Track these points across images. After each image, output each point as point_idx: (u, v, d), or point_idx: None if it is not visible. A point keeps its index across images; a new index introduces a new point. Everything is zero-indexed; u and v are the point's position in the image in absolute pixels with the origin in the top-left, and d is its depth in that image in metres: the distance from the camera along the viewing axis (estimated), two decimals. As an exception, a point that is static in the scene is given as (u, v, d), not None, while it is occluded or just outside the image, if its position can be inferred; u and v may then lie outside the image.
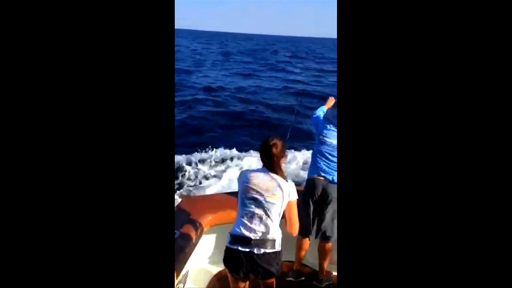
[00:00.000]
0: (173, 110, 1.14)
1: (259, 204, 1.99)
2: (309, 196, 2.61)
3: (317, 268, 2.80)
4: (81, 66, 1.03)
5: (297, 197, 2.05)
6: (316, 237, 2.68)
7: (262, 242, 1.95)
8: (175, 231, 2.38)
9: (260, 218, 1.98)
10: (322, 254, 2.70)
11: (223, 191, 4.51)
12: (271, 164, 2.03)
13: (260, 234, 1.96)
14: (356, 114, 1.08)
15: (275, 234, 2.00)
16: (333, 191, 2.54)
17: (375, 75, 1.06)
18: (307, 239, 2.74)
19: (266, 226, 1.97)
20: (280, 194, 1.99)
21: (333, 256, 2.76)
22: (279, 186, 2.00)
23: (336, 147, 2.56)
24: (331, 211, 2.58)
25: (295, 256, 2.83)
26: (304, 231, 2.64)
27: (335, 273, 2.82)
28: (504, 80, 0.95)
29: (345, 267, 1.05)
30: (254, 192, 2.00)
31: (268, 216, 1.98)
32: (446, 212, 0.98)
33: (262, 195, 1.99)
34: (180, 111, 11.88)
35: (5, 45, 0.97)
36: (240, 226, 2.00)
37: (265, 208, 1.98)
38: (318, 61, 37.93)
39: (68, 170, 1.01)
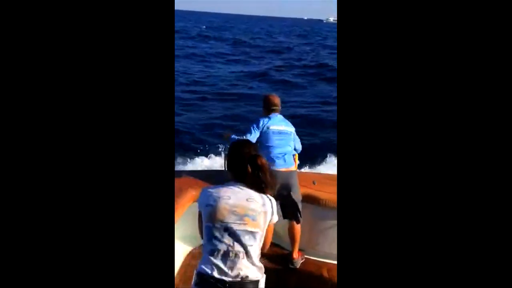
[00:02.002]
0: (173, 107, 1.12)
1: (233, 236, 1.45)
2: None
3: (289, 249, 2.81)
4: (80, 65, 1.03)
5: (277, 218, 1.57)
6: (286, 218, 2.69)
7: (240, 286, 1.43)
8: None
9: (237, 256, 1.44)
10: (293, 235, 2.70)
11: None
12: (256, 178, 1.51)
13: (237, 277, 1.43)
14: (356, 113, 1.07)
15: (258, 271, 1.48)
16: (291, 177, 2.63)
17: (375, 74, 1.05)
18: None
19: (246, 265, 1.45)
20: (262, 219, 1.48)
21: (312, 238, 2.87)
22: (261, 207, 1.49)
23: (282, 132, 2.69)
24: (294, 195, 2.62)
25: None
26: None
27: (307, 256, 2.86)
28: (504, 80, 0.95)
29: (345, 265, 1.05)
30: (226, 218, 1.46)
31: (247, 252, 1.45)
32: (444, 210, 0.98)
33: (237, 222, 1.45)
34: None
35: (5, 45, 0.97)
36: (209, 267, 1.45)
37: (243, 242, 1.45)
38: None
39: (67, 167, 1.01)
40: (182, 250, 2.78)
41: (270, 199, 1.52)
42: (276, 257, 2.75)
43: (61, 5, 1.00)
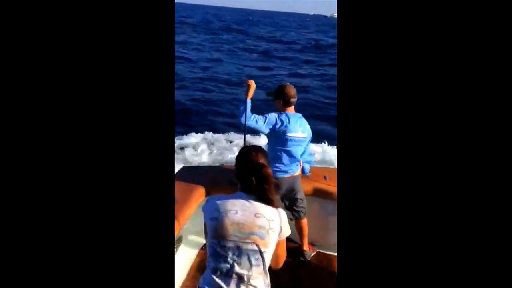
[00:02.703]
0: (173, 105, 1.11)
1: (239, 256, 1.29)
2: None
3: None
4: (80, 62, 1.01)
5: (289, 233, 1.41)
6: (292, 218, 2.72)
7: None
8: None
9: (240, 279, 1.28)
10: (301, 230, 2.76)
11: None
12: (261, 190, 1.36)
13: None
14: (356, 112, 1.05)
15: None
16: (296, 182, 2.60)
17: (375, 70, 1.04)
18: None
19: None
20: (272, 237, 1.32)
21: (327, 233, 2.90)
22: (270, 223, 1.32)
23: (297, 139, 2.52)
24: (299, 197, 2.64)
25: None
26: None
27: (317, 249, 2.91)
28: (504, 80, 0.95)
29: (345, 259, 1.04)
30: (232, 236, 1.30)
31: (253, 276, 1.29)
32: (444, 210, 0.97)
33: (244, 241, 1.29)
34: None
35: (5, 45, 0.96)
36: (211, 285, 1.29)
37: (249, 262, 1.29)
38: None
39: (66, 166, 0.99)
40: (194, 246, 2.83)
41: (279, 213, 1.39)
42: (287, 251, 2.62)
43: (62, 3, 1.00)
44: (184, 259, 2.66)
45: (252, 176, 1.38)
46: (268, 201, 1.38)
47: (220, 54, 21.57)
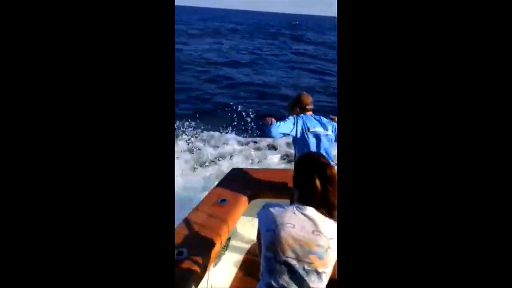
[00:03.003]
0: (173, 106, 1.09)
1: (295, 276, 1.21)
2: None
3: None
4: (80, 61, 1.01)
5: None
6: None
7: None
8: (224, 198, 2.44)
9: None
10: None
11: None
12: (323, 192, 1.28)
13: None
14: (356, 111, 1.05)
15: None
16: None
17: (375, 71, 1.03)
18: None
19: None
20: (331, 256, 1.24)
21: None
22: (330, 242, 1.23)
23: (319, 134, 2.54)
24: None
25: None
26: None
27: None
28: (504, 80, 0.95)
29: (345, 265, 1.03)
30: (289, 252, 1.22)
31: None
32: (445, 211, 0.96)
33: (302, 260, 1.21)
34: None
35: (5, 45, 0.96)
36: None
37: (306, 284, 1.20)
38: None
39: (66, 167, 0.99)
40: (241, 248, 2.83)
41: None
42: None
43: (61, 2, 1.00)
44: (232, 260, 2.66)
45: (315, 175, 1.31)
46: (330, 206, 1.30)
47: (271, 58, 21.77)
